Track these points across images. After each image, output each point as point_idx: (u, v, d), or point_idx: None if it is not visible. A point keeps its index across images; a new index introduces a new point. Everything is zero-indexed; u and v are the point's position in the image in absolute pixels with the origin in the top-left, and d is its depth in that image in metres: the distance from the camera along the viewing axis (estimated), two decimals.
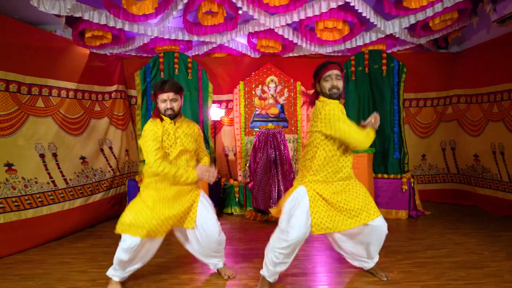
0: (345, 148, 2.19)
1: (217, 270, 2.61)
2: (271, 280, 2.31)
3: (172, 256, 2.99)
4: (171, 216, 2.29)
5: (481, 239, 3.21)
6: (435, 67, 5.11)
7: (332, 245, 2.55)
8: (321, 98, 2.24)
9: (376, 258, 2.47)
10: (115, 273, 2.36)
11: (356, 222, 2.19)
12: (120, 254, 2.24)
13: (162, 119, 2.35)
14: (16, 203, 3.34)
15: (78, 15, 3.45)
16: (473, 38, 4.87)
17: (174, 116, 2.35)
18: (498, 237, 3.27)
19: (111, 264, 2.34)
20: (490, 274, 2.45)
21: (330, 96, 2.20)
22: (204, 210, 2.40)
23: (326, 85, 2.20)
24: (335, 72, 2.20)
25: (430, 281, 2.36)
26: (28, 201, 3.45)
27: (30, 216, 3.43)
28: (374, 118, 2.30)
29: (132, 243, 2.18)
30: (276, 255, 2.19)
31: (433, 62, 5.12)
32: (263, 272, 2.32)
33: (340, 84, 2.21)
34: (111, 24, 3.64)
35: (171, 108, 2.31)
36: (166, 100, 2.30)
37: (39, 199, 3.56)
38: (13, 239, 3.23)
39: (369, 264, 2.48)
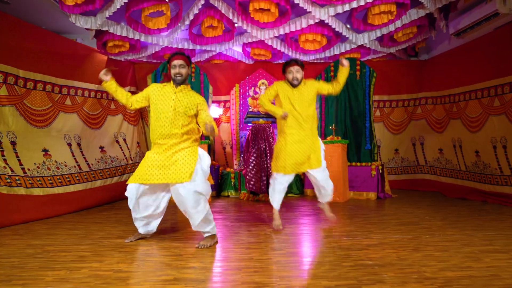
0: None
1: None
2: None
3: None
4: None
5: (428, 211, 3.82)
6: (406, 73, 5.78)
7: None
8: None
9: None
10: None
11: None
12: None
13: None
14: (50, 181, 4.06)
15: (105, 29, 4.22)
16: (438, 48, 5.59)
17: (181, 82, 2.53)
18: (443, 208, 3.96)
19: (133, 225, 2.76)
20: (424, 227, 3.06)
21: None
22: None
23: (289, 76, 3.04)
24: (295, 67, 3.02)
25: (376, 231, 2.95)
26: (59, 180, 4.17)
27: (62, 192, 4.12)
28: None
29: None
30: None
31: (404, 68, 5.79)
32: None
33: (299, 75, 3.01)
34: (131, 36, 4.40)
35: (179, 73, 2.51)
36: (176, 66, 2.51)
37: (68, 179, 4.29)
38: (50, 207, 3.87)
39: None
